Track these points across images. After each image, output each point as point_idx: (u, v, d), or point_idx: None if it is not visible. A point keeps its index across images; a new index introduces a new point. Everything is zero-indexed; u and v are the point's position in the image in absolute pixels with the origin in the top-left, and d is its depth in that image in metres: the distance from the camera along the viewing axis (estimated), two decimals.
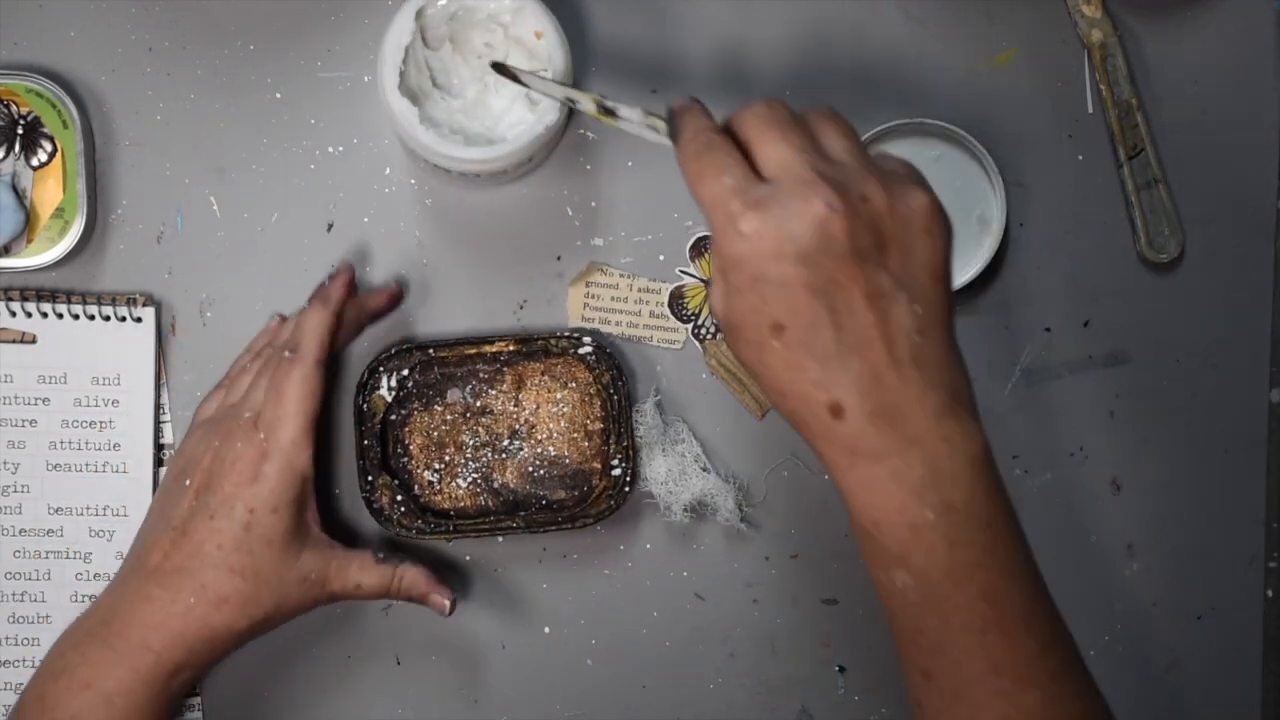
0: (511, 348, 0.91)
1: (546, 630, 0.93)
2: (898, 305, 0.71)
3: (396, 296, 0.92)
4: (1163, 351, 0.95)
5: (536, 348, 0.91)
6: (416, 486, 0.92)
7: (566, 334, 0.91)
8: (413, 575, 0.87)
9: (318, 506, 0.86)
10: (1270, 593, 0.95)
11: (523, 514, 0.91)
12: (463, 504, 0.92)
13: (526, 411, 0.92)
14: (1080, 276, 0.94)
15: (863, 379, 0.71)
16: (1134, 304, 0.94)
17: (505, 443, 0.92)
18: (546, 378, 0.92)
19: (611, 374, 0.91)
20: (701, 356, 0.94)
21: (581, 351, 0.91)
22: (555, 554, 0.93)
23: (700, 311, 0.93)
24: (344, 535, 0.92)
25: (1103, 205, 0.94)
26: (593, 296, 0.93)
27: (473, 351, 0.91)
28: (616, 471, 0.91)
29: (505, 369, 0.92)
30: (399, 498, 0.90)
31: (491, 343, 0.91)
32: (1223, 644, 0.95)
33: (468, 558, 0.93)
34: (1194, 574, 0.95)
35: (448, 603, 0.87)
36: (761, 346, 0.72)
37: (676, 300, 0.93)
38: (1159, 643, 0.95)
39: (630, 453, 0.91)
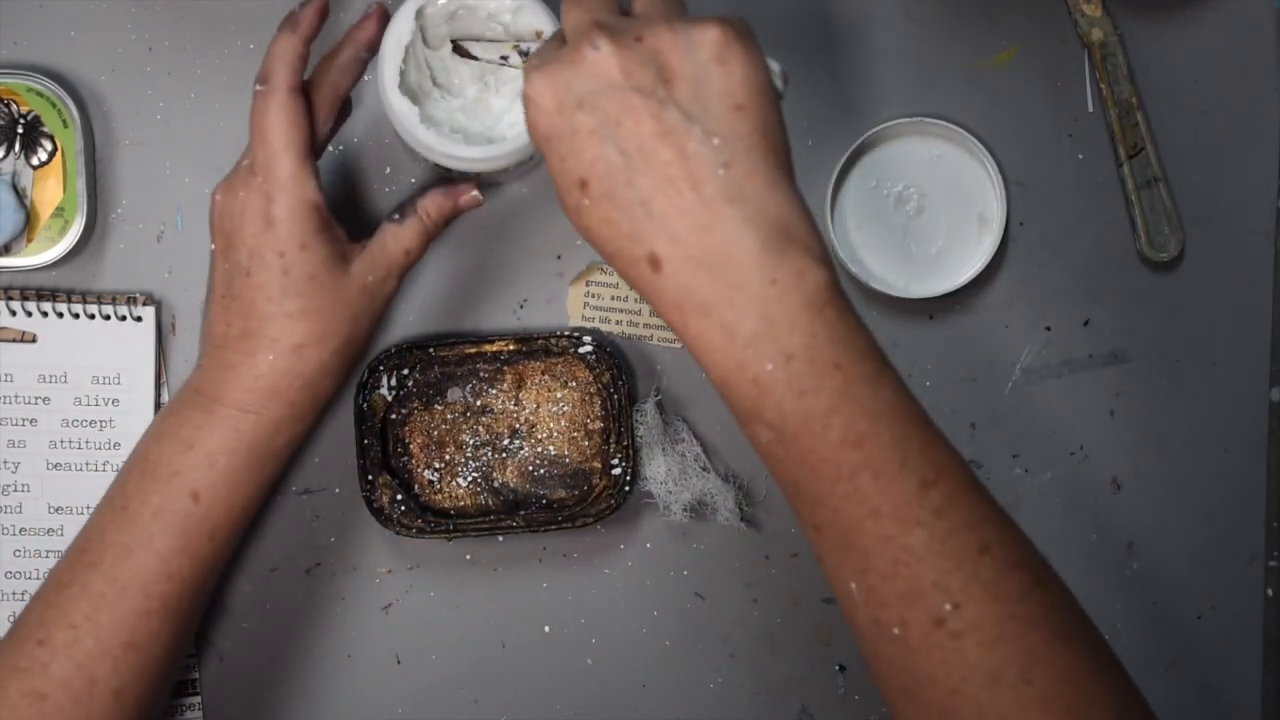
0: (512, 347, 0.91)
1: (546, 630, 0.93)
2: (693, 139, 0.69)
3: (382, 17, 0.85)
4: (1163, 351, 0.95)
5: (537, 347, 0.91)
6: (417, 486, 0.92)
7: (567, 333, 0.91)
8: (433, 202, 0.86)
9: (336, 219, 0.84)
10: (1270, 592, 0.95)
11: (523, 513, 0.91)
12: (463, 503, 0.92)
13: (527, 411, 0.92)
14: (1080, 276, 0.94)
15: (671, 222, 0.69)
16: (1134, 304, 0.94)
17: (505, 442, 0.92)
18: (547, 377, 0.92)
19: (612, 373, 0.91)
20: None
21: (582, 351, 0.91)
22: (555, 554, 0.93)
23: None
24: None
25: (1103, 205, 0.94)
26: (593, 296, 0.93)
27: (473, 351, 0.91)
28: (616, 471, 0.91)
29: (505, 368, 0.92)
30: (399, 497, 0.90)
31: (492, 342, 0.91)
32: (1223, 644, 0.95)
33: (468, 557, 0.93)
34: (1194, 574, 0.95)
35: (475, 193, 0.87)
36: (578, 210, 0.71)
37: None
38: (1159, 643, 0.95)
39: (630, 452, 0.91)
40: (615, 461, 0.91)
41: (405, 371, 0.91)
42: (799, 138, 0.93)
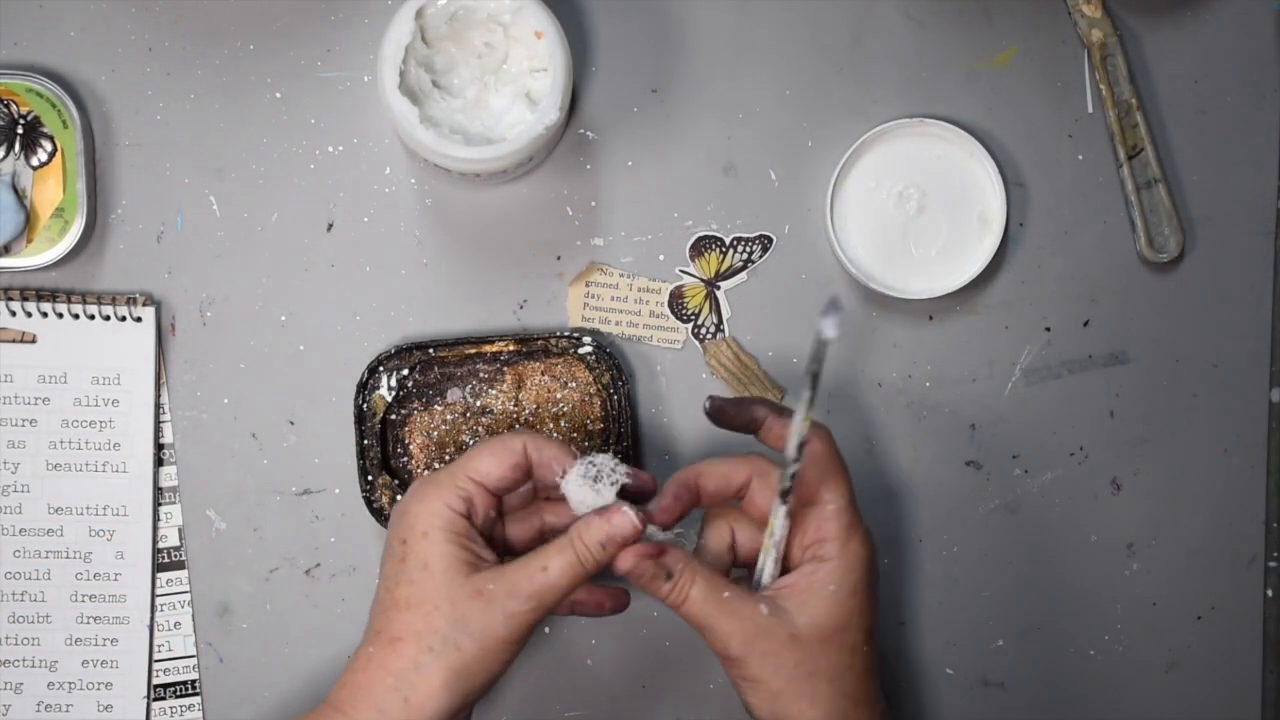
0: (511, 347, 0.91)
1: (546, 630, 0.93)
2: None
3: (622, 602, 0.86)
4: (1163, 351, 0.95)
5: (536, 347, 0.91)
6: None
7: (566, 334, 0.91)
8: (586, 524, 0.78)
9: (493, 545, 0.81)
10: (1270, 593, 0.95)
11: None
12: None
13: (526, 411, 0.92)
14: (1080, 276, 0.94)
15: (876, 692, 0.82)
16: (1134, 304, 0.94)
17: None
18: (546, 377, 0.92)
19: (611, 374, 0.91)
20: (701, 356, 0.94)
21: (581, 351, 0.91)
22: None
23: (700, 311, 0.93)
24: None
25: (1103, 205, 0.94)
26: (593, 296, 0.93)
27: (473, 351, 0.91)
28: None
29: (505, 368, 0.92)
30: (399, 497, 0.90)
31: (491, 342, 0.91)
32: (1223, 644, 0.95)
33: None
34: (1194, 574, 0.95)
35: (626, 512, 0.78)
36: (854, 650, 0.79)
37: (676, 300, 0.93)
38: (1159, 643, 0.95)
39: (630, 453, 0.91)
40: None
41: (405, 372, 0.91)
42: (799, 138, 0.94)
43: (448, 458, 0.91)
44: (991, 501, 0.94)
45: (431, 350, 0.91)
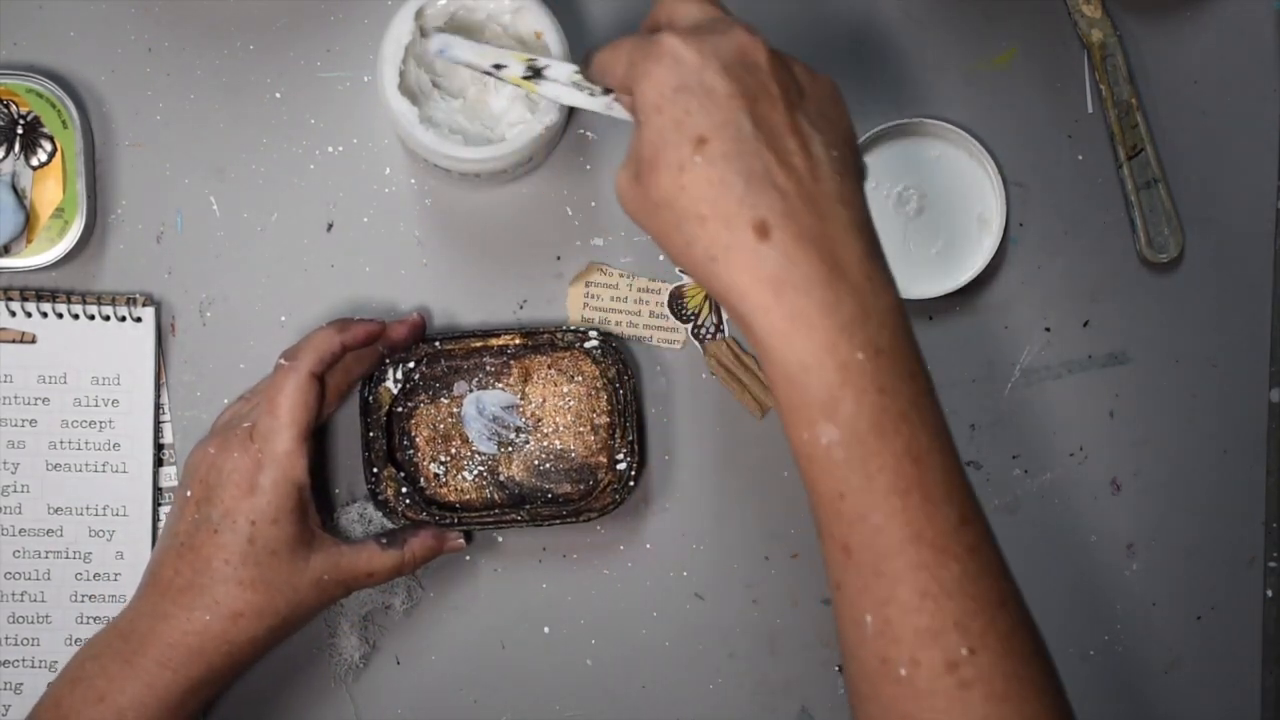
0: (518, 341, 0.91)
1: (546, 630, 0.93)
2: (816, 143, 0.71)
3: (419, 327, 0.91)
4: (1163, 351, 0.95)
5: (543, 341, 0.91)
6: (422, 479, 0.91)
7: (572, 328, 0.91)
8: (420, 543, 0.89)
9: (318, 508, 0.87)
10: (1270, 593, 0.95)
11: (527, 507, 0.91)
12: (468, 497, 0.92)
13: (533, 405, 0.92)
14: (1080, 276, 0.94)
15: (789, 198, 0.69)
16: (1134, 304, 0.94)
17: (511, 436, 0.92)
18: (553, 371, 0.92)
19: (618, 368, 0.91)
20: (701, 356, 0.94)
21: (588, 345, 0.91)
22: (555, 554, 0.93)
23: (700, 311, 0.94)
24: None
25: (1103, 205, 0.94)
26: (592, 296, 0.93)
27: (479, 345, 0.91)
28: (622, 466, 0.91)
29: (512, 362, 0.92)
30: (404, 490, 0.90)
31: (498, 336, 0.91)
32: (1223, 644, 0.95)
33: (468, 558, 0.93)
34: (1194, 574, 0.95)
35: (461, 541, 0.90)
36: (682, 168, 0.70)
37: (676, 300, 0.94)
38: (1159, 643, 0.95)
39: (635, 447, 0.91)
40: (620, 456, 0.91)
41: (411, 365, 0.91)
42: None
43: (454, 451, 0.91)
44: (991, 501, 0.94)
45: (438, 344, 0.91)
